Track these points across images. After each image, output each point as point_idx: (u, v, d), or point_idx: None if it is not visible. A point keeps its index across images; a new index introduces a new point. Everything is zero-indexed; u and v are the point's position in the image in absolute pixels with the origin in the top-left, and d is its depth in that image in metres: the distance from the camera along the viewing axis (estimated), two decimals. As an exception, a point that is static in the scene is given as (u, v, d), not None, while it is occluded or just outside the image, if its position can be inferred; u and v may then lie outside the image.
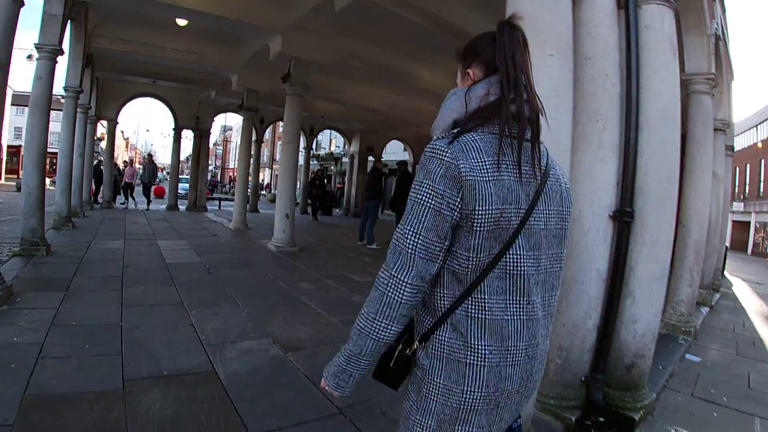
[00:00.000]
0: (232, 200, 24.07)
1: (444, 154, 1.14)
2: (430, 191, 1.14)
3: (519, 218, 1.15)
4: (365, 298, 1.24)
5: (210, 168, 77.84)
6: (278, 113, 20.95)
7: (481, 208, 1.12)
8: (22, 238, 7.25)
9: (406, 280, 1.15)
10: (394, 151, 26.66)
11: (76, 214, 12.23)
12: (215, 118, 20.80)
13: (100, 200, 17.77)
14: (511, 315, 1.18)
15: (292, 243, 9.61)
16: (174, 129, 19.17)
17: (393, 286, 1.16)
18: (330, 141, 38.02)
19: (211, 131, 20.11)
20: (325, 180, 21.29)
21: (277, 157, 51.84)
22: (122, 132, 75.33)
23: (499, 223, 1.13)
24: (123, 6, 9.81)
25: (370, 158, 24.82)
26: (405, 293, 1.15)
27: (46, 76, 7.39)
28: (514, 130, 1.17)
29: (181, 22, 10.11)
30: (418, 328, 1.29)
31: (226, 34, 11.31)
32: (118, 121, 18.59)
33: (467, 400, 1.18)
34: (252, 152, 19.25)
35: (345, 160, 35.78)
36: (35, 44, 7.40)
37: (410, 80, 12.45)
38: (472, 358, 1.17)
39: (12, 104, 40.65)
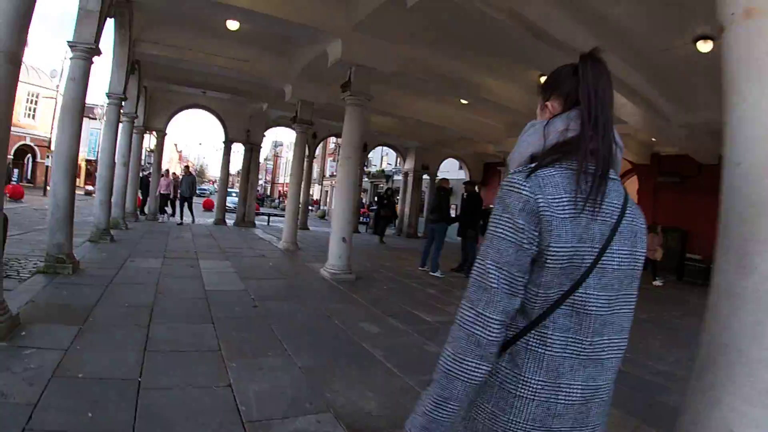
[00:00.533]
0: (282, 216, 23.47)
1: (522, 188, 1.11)
2: (510, 225, 1.11)
3: (592, 257, 1.11)
4: (440, 346, 1.17)
5: (260, 182, 79.10)
6: (331, 127, 20.40)
7: (556, 245, 1.09)
8: (47, 254, 6.49)
9: (493, 316, 1.10)
10: (448, 170, 25.38)
11: (117, 226, 11.60)
12: (266, 133, 20.15)
13: (146, 212, 17.31)
14: (570, 353, 1.12)
15: (348, 270, 8.48)
16: (224, 142, 18.67)
17: (480, 324, 1.11)
18: (381, 158, 37.08)
19: (262, 145, 19.42)
20: (395, 200, 19.74)
21: (327, 172, 51.63)
22: (175, 145, 77.22)
23: (572, 260, 1.10)
24: (170, 6, 9.09)
25: (425, 176, 23.71)
26: (493, 331, 1.10)
27: (79, 77, 6.65)
28: (592, 166, 1.13)
29: (233, 25, 9.28)
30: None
31: (279, 41, 10.52)
32: (166, 132, 18.26)
33: (511, 429, 1.13)
34: (303, 167, 18.42)
35: (397, 177, 34.96)
36: (68, 42, 6.66)
37: (477, 92, 11.26)
38: (522, 390, 1.13)
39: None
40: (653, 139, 14.56)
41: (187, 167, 17.27)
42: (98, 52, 6.91)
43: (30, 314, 4.58)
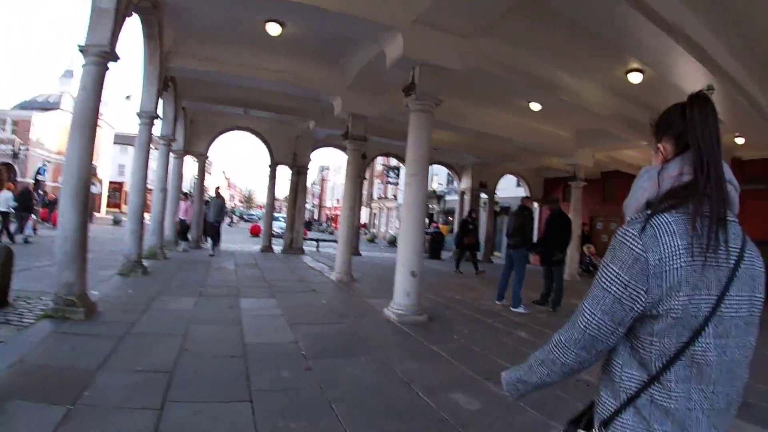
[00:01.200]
0: (331, 241, 22.33)
1: (635, 243, 1.12)
2: (614, 278, 1.14)
3: (710, 305, 1.08)
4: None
5: (307, 206, 79.32)
6: (381, 146, 19.11)
7: (668, 296, 1.08)
8: (56, 295, 5.35)
9: (572, 348, 1.21)
10: (505, 187, 23.60)
11: (155, 256, 10.53)
12: (313, 155, 19.02)
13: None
14: (694, 405, 1.11)
15: (419, 309, 6.94)
16: (270, 165, 17.66)
17: (560, 349, 1.24)
18: (432, 177, 35.57)
19: (309, 167, 18.26)
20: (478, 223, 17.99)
21: (375, 194, 50.47)
22: (224, 171, 78.22)
23: (687, 310, 1.08)
24: (205, 5, 7.99)
25: (482, 195, 22.03)
26: (569, 359, 1.22)
27: (91, 85, 5.52)
28: (707, 211, 1.11)
29: (274, 29, 8.06)
30: (600, 412, 1.24)
31: (327, 46, 9.31)
32: (208, 155, 17.40)
33: None
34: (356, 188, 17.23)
35: (449, 198, 33.35)
36: (79, 46, 5.52)
37: (552, 92, 9.60)
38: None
39: (114, 143, 45.62)
40: (738, 141, 12.59)
41: (217, 189, 15.92)
42: (115, 57, 5.73)
43: (10, 382, 3.41)
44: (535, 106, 11.28)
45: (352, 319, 6.72)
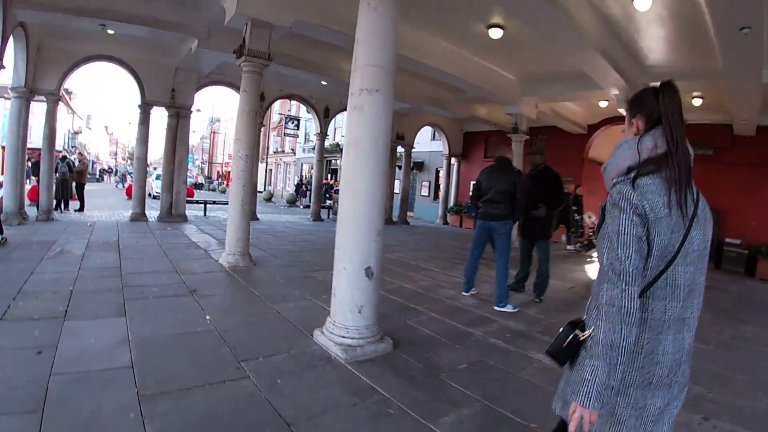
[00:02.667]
0: (222, 203, 18.64)
1: (632, 197, 1.49)
2: (630, 223, 1.47)
3: (679, 242, 1.49)
4: None
5: (196, 162, 71.76)
6: (284, 82, 15.74)
7: (659, 239, 1.48)
8: None
9: (634, 290, 1.46)
10: (418, 141, 21.03)
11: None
12: (200, 95, 15.10)
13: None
14: (668, 316, 1.51)
15: (377, 332, 4.10)
16: (140, 105, 13.54)
17: (627, 297, 1.45)
18: (335, 130, 32.20)
19: (193, 110, 14.37)
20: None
21: (271, 148, 45.90)
22: (106, 127, 68.57)
23: (667, 248, 1.49)
24: None
25: (399, 148, 19.37)
26: (635, 301, 1.45)
27: None
28: (677, 176, 1.51)
29: None
30: (591, 320, 1.59)
31: None
32: (60, 94, 12.90)
33: (625, 378, 1.51)
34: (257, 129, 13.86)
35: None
36: None
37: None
38: (633, 346, 1.48)
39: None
40: (696, 100, 11.30)
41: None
42: None
43: None
44: (496, 33, 8.65)
45: (264, 366, 3.63)
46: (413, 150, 20.28)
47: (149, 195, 25.81)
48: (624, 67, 9.52)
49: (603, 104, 14.24)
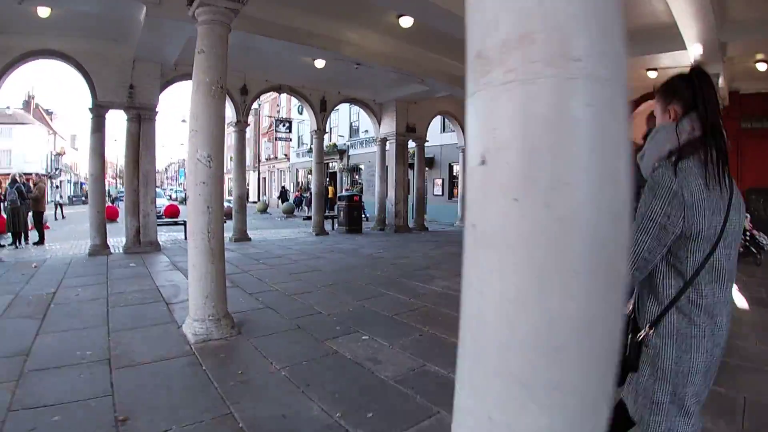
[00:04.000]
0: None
1: (672, 182, 1.52)
2: (660, 211, 1.53)
3: (721, 225, 1.54)
4: None
5: (173, 165, 67.33)
6: (267, 68, 13.06)
7: (700, 222, 1.52)
8: None
9: (640, 254, 1.56)
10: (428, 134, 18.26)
11: None
12: (168, 93, 12.40)
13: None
14: (718, 298, 1.57)
15: None
16: (91, 109, 10.77)
17: (640, 258, 1.57)
18: (330, 130, 29.31)
19: (158, 110, 11.55)
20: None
21: (263, 155, 43.08)
22: (73, 136, 64.99)
23: (710, 229, 1.53)
24: None
25: (410, 143, 16.61)
26: (639, 258, 1.57)
27: None
28: (714, 158, 1.55)
29: None
30: (647, 317, 1.65)
31: None
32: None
33: (694, 364, 1.56)
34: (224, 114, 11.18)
35: (354, 152, 27.62)
36: None
37: None
38: (696, 331, 1.55)
39: None
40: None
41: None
42: None
43: None
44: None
45: None
46: (433, 145, 17.64)
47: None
48: (710, 18, 7.01)
49: (652, 74, 11.55)
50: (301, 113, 29.20)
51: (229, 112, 12.78)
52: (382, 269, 8.39)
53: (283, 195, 33.12)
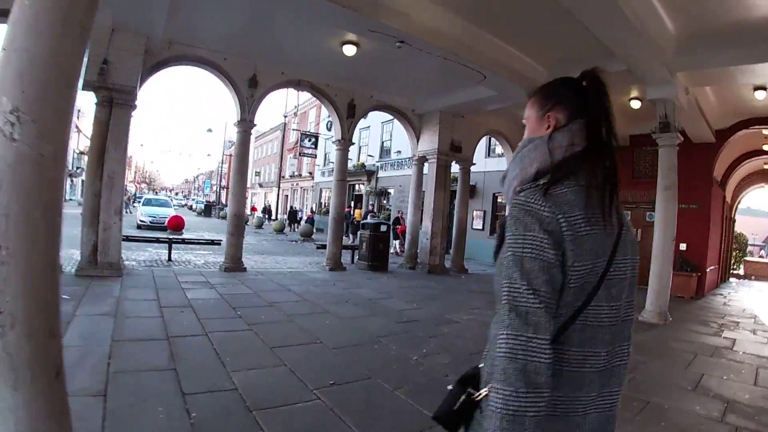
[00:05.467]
0: (207, 244, 13.26)
1: (542, 207, 1.10)
2: (538, 244, 1.08)
3: (602, 269, 1.13)
4: None
5: (214, 187, 64.39)
6: (288, 56, 10.35)
7: (579, 264, 1.09)
8: None
9: (544, 338, 1.05)
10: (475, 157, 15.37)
11: None
12: (155, 79, 9.89)
13: None
14: (589, 366, 1.14)
15: None
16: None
17: (533, 350, 1.03)
18: (359, 149, 26.66)
19: (139, 92, 8.96)
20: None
21: (287, 171, 40.75)
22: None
23: (589, 277, 1.12)
24: None
25: (455, 164, 13.73)
26: (547, 352, 1.04)
27: None
28: (601, 181, 1.16)
29: None
30: (489, 374, 1.16)
31: None
32: None
33: None
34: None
35: (384, 174, 24.89)
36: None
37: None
38: (544, 412, 1.05)
39: None
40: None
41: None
42: None
43: None
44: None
45: None
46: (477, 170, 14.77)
47: (138, 226, 20.87)
48: None
49: (760, 95, 8.77)
50: (329, 129, 26.72)
51: (233, 108, 10.17)
52: (421, 351, 5.28)
53: (292, 216, 30.64)
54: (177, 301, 6.66)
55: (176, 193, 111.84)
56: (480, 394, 1.18)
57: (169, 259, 10.73)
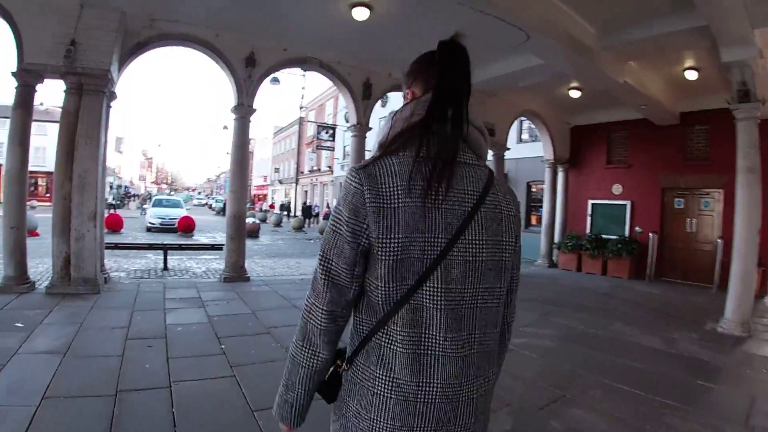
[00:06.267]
0: (215, 249, 11.92)
1: (353, 179, 1.08)
2: (340, 217, 1.09)
3: (438, 248, 1.04)
4: None
5: (223, 176, 63.11)
6: (292, 26, 8.42)
7: (384, 236, 1.03)
8: None
9: (321, 306, 1.10)
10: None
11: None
12: (135, 65, 8.70)
13: None
14: (425, 350, 1.06)
15: None
16: (15, 74, 7.12)
17: (312, 313, 1.12)
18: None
19: (117, 79, 7.66)
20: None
21: (306, 166, 39.46)
22: (144, 152, 63.55)
23: (409, 252, 1.03)
24: None
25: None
26: (322, 320, 1.11)
27: None
28: (433, 152, 1.08)
29: None
30: (349, 350, 1.19)
31: None
32: None
33: (375, 428, 1.07)
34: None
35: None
36: None
37: None
38: (380, 387, 1.08)
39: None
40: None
41: None
42: None
43: None
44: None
45: None
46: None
47: (148, 228, 19.83)
48: None
49: None
50: (348, 121, 25.38)
51: (229, 91, 8.77)
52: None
53: (306, 212, 29.38)
54: (150, 329, 5.29)
55: (198, 192, 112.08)
56: (342, 367, 1.17)
57: (165, 268, 9.45)
